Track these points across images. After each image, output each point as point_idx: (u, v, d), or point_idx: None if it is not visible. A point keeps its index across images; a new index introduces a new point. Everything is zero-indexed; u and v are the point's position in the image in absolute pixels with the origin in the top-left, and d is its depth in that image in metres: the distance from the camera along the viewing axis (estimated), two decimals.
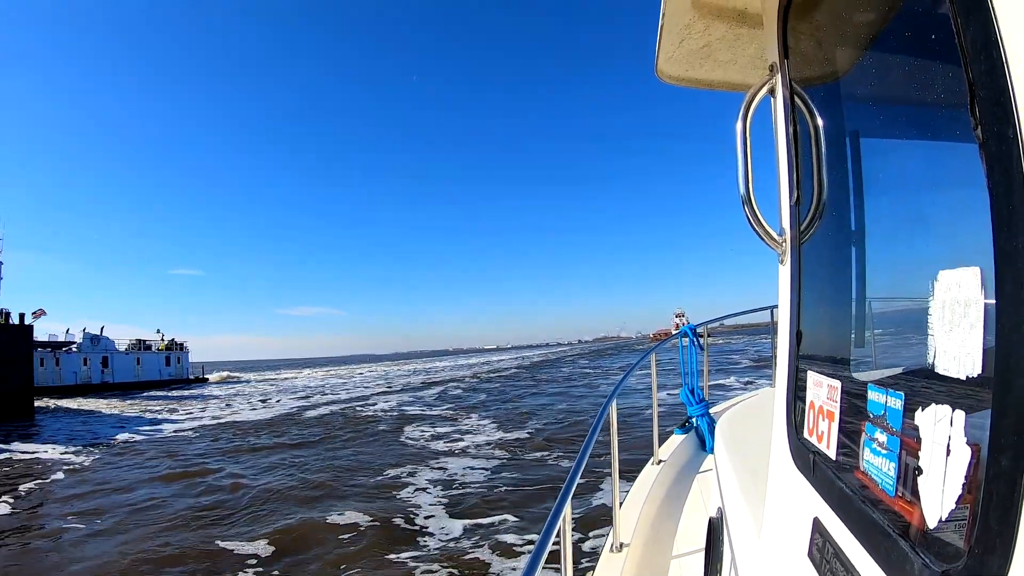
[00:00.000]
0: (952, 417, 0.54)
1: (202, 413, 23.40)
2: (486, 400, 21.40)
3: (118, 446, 15.26)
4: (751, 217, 1.08)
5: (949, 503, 0.53)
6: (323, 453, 12.53)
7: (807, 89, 1.00)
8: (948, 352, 0.55)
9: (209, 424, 19.34)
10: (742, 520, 1.35)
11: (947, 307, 0.55)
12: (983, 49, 0.47)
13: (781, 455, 1.05)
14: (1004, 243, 0.45)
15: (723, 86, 1.57)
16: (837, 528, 0.77)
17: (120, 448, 14.91)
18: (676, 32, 1.34)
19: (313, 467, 11.01)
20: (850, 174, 0.91)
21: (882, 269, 0.83)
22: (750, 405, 3.09)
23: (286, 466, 11.28)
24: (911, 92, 0.69)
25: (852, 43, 0.84)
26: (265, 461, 11.97)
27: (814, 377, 0.92)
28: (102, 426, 20.06)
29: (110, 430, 18.69)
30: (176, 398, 32.97)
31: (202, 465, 11.77)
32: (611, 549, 2.52)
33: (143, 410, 25.77)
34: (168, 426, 19.19)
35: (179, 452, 13.75)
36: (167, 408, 26.43)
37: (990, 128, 0.47)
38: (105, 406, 28.20)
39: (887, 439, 0.66)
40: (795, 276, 1.04)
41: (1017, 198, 0.43)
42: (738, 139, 1.08)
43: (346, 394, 28.80)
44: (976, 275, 0.51)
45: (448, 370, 50.23)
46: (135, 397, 34.43)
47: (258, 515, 8.03)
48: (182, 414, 23.38)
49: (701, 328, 4.30)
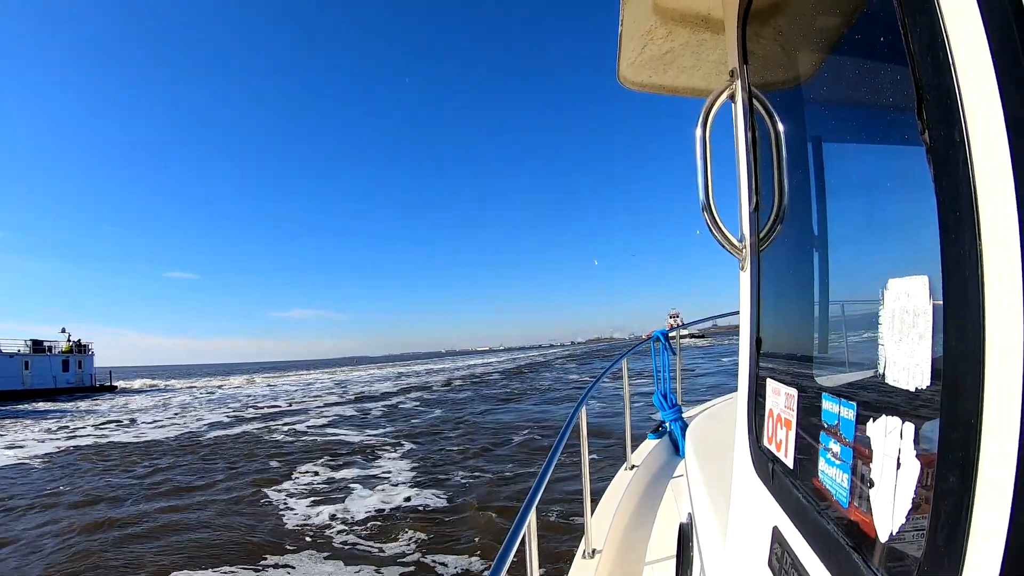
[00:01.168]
0: (902, 429, 0.52)
1: (84, 430, 17.85)
2: (438, 420, 15.78)
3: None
4: (711, 224, 1.07)
5: (900, 515, 0.52)
6: (141, 508, 7.99)
7: (767, 94, 0.99)
8: (898, 362, 0.54)
9: (76, 447, 14.27)
10: (709, 527, 1.35)
11: (896, 316, 0.54)
12: (929, 51, 0.46)
13: (743, 463, 1.04)
14: (950, 250, 0.44)
15: (687, 92, 1.58)
16: (794, 537, 0.76)
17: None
18: (637, 38, 1.34)
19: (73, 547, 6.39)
20: (811, 180, 0.90)
21: (840, 276, 0.83)
22: (720, 410, 3.13)
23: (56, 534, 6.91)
24: (870, 96, 0.69)
25: (811, 48, 0.84)
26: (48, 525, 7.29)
27: (773, 385, 0.92)
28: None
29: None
30: (58, 413, 25.47)
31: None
32: (583, 555, 2.50)
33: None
34: (6, 453, 13.59)
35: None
36: (29, 426, 19.69)
37: (937, 132, 0.45)
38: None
39: (840, 449, 0.65)
40: (755, 283, 1.04)
41: (963, 204, 0.42)
42: (697, 145, 1.07)
43: (285, 405, 24.02)
44: (924, 284, 0.50)
45: (424, 375, 44.65)
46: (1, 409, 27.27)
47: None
48: (47, 433, 17.44)
49: (673, 333, 4.34)
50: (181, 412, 23.74)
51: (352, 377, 49.14)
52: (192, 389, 43.15)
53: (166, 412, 23.94)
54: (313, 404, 24.00)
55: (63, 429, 18.62)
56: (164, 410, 25.12)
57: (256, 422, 18.29)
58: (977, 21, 0.40)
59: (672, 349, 4.20)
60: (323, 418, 18.30)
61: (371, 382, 38.48)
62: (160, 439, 15.31)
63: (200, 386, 47.38)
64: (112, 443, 14.92)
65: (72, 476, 10.74)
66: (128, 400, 32.97)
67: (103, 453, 13.29)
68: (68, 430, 18.27)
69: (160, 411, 24.62)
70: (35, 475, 11.12)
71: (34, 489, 9.74)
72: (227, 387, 44.26)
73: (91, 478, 10.49)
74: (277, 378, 56.75)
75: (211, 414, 22.08)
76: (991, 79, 0.39)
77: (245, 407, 24.54)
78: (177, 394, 37.51)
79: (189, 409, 25.18)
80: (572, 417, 2.38)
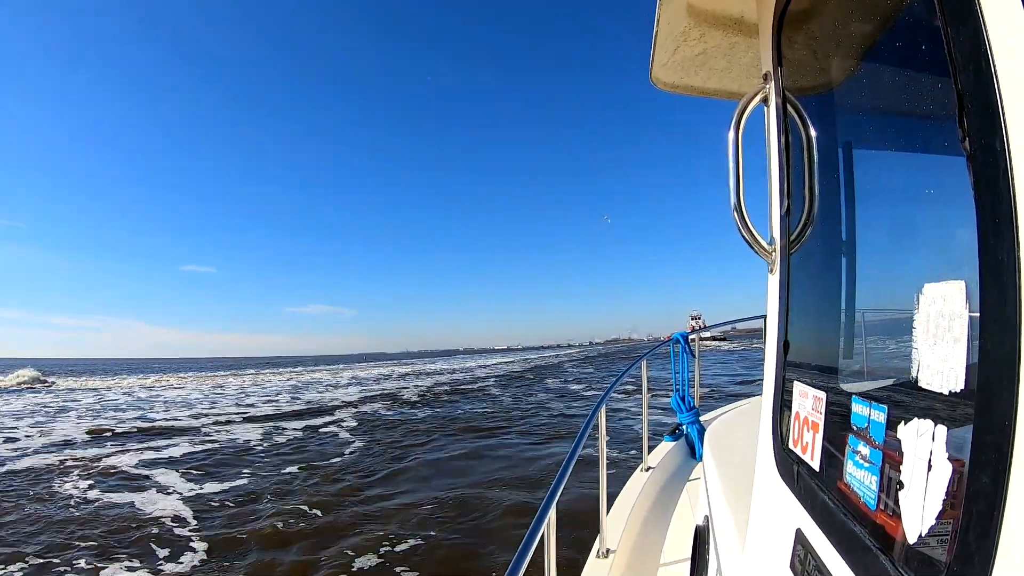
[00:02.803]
0: (934, 432, 0.53)
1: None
2: (345, 465, 10.07)
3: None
4: (741, 226, 1.08)
5: (929, 519, 0.52)
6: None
7: (800, 99, 0.99)
8: (931, 366, 0.55)
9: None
10: (727, 529, 1.35)
11: (932, 320, 0.55)
12: (971, 60, 0.47)
13: (766, 465, 1.04)
14: (989, 257, 0.45)
15: (718, 94, 1.57)
16: (819, 540, 0.76)
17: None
18: (671, 39, 1.34)
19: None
20: (841, 185, 0.90)
21: (870, 281, 0.83)
22: (739, 414, 3.10)
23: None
24: (903, 103, 0.69)
25: (846, 53, 0.84)
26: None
27: (800, 388, 0.92)
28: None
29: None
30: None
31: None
32: (597, 555, 2.51)
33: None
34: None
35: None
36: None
37: (977, 140, 0.46)
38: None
39: (870, 452, 0.66)
40: (784, 286, 1.04)
41: (1003, 211, 0.43)
42: (729, 148, 1.07)
43: (167, 419, 17.23)
44: (961, 289, 0.51)
45: (414, 378, 36.37)
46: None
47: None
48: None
49: (693, 336, 4.31)
50: (35, 421, 16.73)
51: (332, 379, 39.80)
52: (100, 390, 33.28)
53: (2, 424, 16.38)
54: (208, 421, 16.72)
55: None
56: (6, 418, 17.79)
57: (69, 449, 12.29)
58: (1019, 31, 0.41)
59: (691, 352, 4.17)
60: (189, 445, 12.50)
61: (345, 385, 31.47)
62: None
63: (119, 385, 37.84)
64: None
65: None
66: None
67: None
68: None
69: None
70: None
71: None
72: (158, 387, 35.73)
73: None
74: (249, 376, 47.47)
75: (72, 428, 15.31)
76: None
77: (124, 419, 17.49)
78: (56, 396, 28.70)
79: (47, 421, 17.28)
80: (591, 417, 2.39)
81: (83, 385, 39.18)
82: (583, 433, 2.14)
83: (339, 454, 11.22)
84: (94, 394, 30.17)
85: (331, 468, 9.91)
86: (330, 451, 11.65)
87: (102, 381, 44.04)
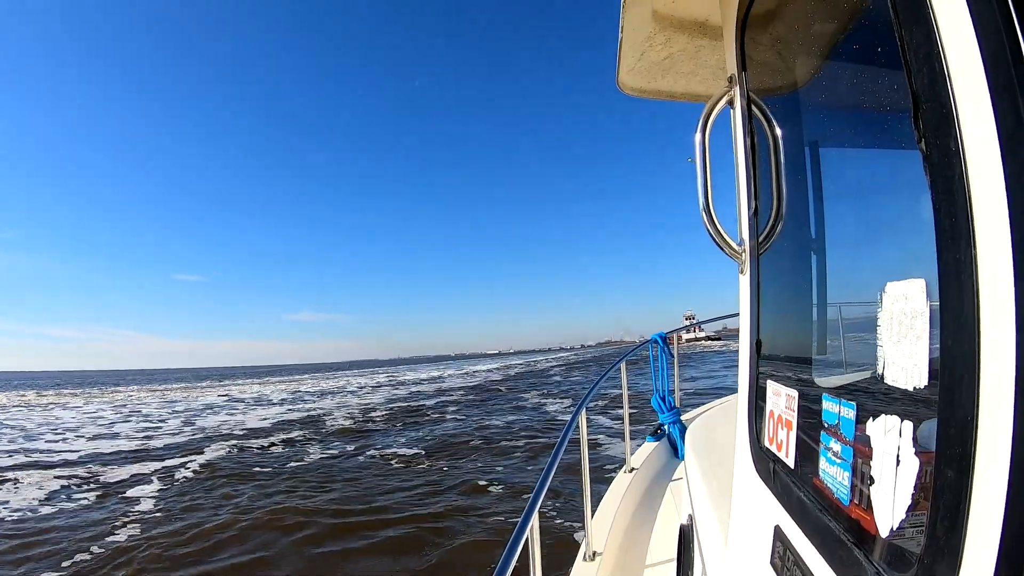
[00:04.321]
0: (901, 428, 0.54)
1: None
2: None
3: None
4: (710, 227, 1.09)
5: (900, 512, 0.53)
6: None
7: (765, 100, 1.01)
8: (896, 363, 0.55)
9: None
10: (710, 527, 1.36)
11: (895, 318, 0.56)
12: (925, 61, 0.47)
13: (743, 464, 1.05)
14: (947, 255, 0.45)
15: (685, 97, 1.59)
16: (797, 536, 0.77)
17: None
18: (637, 44, 1.35)
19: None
20: (808, 184, 0.92)
21: (839, 279, 0.84)
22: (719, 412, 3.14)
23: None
24: (866, 102, 0.70)
25: (809, 54, 0.85)
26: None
27: (773, 386, 0.93)
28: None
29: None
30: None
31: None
32: (584, 558, 2.50)
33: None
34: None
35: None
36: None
37: (932, 140, 0.47)
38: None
39: (841, 448, 0.67)
40: (754, 286, 1.05)
41: (959, 211, 0.43)
42: (696, 150, 1.08)
43: (64, 449, 14.33)
44: (922, 287, 0.52)
45: (370, 390, 32.03)
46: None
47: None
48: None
49: (671, 335, 4.35)
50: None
51: (274, 393, 34.54)
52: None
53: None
54: (91, 452, 13.61)
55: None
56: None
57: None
58: (970, 32, 0.42)
59: (670, 352, 4.21)
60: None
61: (278, 403, 26.99)
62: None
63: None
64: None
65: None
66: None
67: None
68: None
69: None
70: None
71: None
72: (51, 404, 31.24)
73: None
74: (199, 390, 43.57)
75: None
76: (985, 89, 0.41)
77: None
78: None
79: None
80: (572, 421, 2.39)
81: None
82: (563, 438, 2.13)
83: (245, 492, 8.14)
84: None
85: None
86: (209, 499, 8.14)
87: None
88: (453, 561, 5.72)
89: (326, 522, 7.22)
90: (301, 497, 8.52)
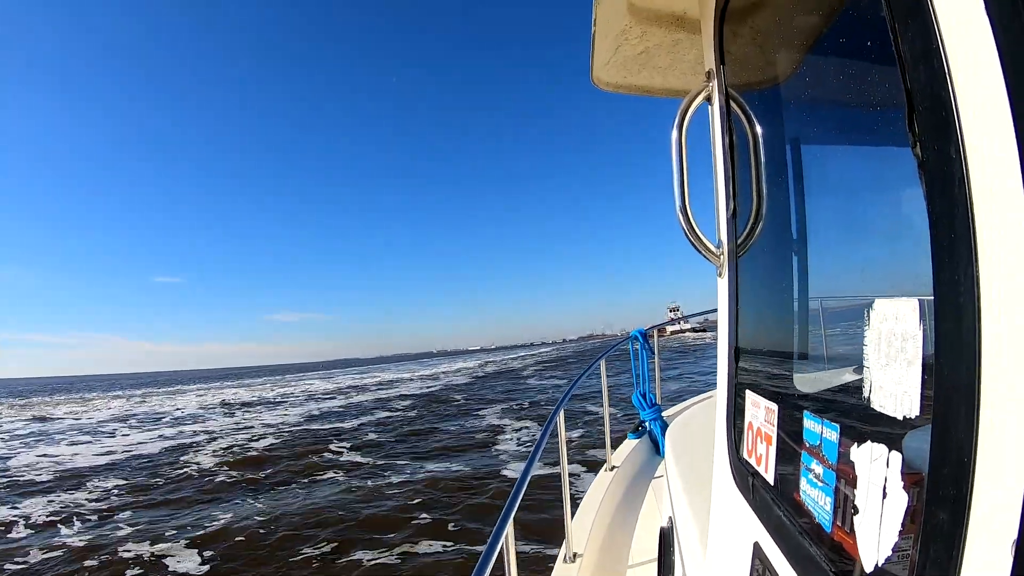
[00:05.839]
0: (888, 457, 0.50)
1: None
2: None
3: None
4: (687, 229, 1.04)
5: (887, 546, 0.49)
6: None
7: (745, 96, 0.96)
8: (884, 388, 0.51)
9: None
10: (690, 534, 1.33)
11: (883, 339, 0.51)
12: (922, 58, 0.43)
13: (722, 475, 1.02)
14: (944, 274, 0.41)
15: (663, 92, 1.55)
16: (776, 556, 0.74)
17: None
18: (611, 38, 1.30)
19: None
20: (790, 185, 0.88)
21: (821, 285, 0.80)
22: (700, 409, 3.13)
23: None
24: (852, 99, 0.66)
25: (791, 49, 0.81)
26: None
27: (752, 397, 0.89)
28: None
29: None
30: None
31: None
32: (564, 560, 2.47)
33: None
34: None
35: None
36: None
37: (930, 145, 0.42)
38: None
39: (823, 471, 0.63)
40: (732, 290, 1.01)
41: (959, 226, 0.39)
42: (673, 148, 1.03)
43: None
44: (914, 308, 0.47)
45: (290, 405, 24.50)
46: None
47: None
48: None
49: (651, 331, 4.35)
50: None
51: (175, 406, 27.56)
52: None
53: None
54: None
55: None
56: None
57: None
58: (977, 25, 0.37)
59: (651, 348, 4.21)
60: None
61: (140, 427, 19.48)
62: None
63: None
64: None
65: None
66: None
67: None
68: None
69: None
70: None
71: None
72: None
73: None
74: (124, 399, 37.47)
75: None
76: (989, 89, 0.36)
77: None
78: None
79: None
80: (550, 422, 2.35)
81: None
82: (541, 439, 2.09)
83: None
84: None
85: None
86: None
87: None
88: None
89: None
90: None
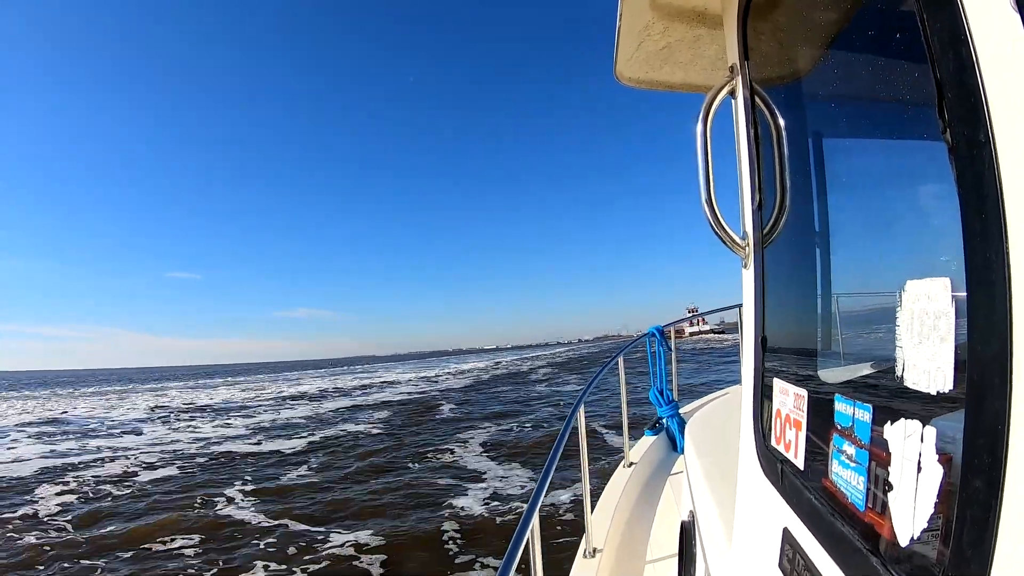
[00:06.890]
0: (923, 433, 0.51)
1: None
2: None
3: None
4: (712, 221, 1.06)
5: (922, 521, 0.51)
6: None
7: (768, 90, 0.98)
8: (918, 365, 0.53)
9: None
10: (713, 525, 1.34)
11: (916, 318, 0.53)
12: (951, 46, 0.44)
13: (749, 463, 1.03)
14: (976, 255, 0.43)
15: (684, 88, 1.56)
16: (807, 540, 0.75)
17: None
18: (634, 34, 1.32)
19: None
20: (813, 176, 0.89)
21: (848, 275, 0.82)
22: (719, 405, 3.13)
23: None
24: (877, 92, 0.67)
25: (814, 42, 0.82)
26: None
27: (780, 384, 0.91)
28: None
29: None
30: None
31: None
32: (584, 555, 2.49)
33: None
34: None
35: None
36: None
37: (959, 131, 0.44)
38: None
39: (855, 452, 0.64)
40: (759, 281, 1.02)
41: (990, 207, 0.40)
42: (698, 142, 1.05)
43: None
44: (946, 287, 0.49)
45: (296, 407, 22.07)
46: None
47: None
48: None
49: (668, 328, 4.34)
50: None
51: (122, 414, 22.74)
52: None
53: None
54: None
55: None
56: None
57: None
58: (1004, 13, 0.39)
59: (668, 346, 4.20)
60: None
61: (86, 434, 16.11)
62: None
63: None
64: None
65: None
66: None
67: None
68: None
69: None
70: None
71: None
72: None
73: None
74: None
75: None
76: (1018, 74, 0.38)
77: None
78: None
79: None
80: (570, 418, 2.37)
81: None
82: (563, 435, 2.11)
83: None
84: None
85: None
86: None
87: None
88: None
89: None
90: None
